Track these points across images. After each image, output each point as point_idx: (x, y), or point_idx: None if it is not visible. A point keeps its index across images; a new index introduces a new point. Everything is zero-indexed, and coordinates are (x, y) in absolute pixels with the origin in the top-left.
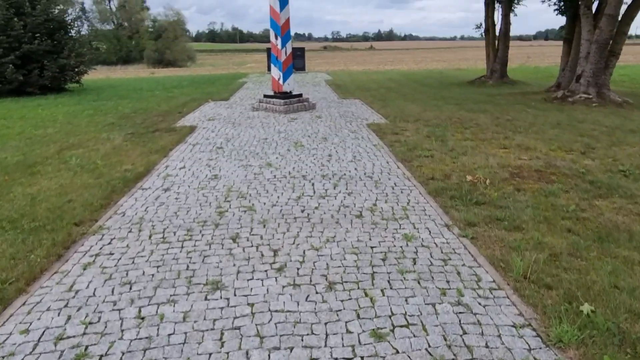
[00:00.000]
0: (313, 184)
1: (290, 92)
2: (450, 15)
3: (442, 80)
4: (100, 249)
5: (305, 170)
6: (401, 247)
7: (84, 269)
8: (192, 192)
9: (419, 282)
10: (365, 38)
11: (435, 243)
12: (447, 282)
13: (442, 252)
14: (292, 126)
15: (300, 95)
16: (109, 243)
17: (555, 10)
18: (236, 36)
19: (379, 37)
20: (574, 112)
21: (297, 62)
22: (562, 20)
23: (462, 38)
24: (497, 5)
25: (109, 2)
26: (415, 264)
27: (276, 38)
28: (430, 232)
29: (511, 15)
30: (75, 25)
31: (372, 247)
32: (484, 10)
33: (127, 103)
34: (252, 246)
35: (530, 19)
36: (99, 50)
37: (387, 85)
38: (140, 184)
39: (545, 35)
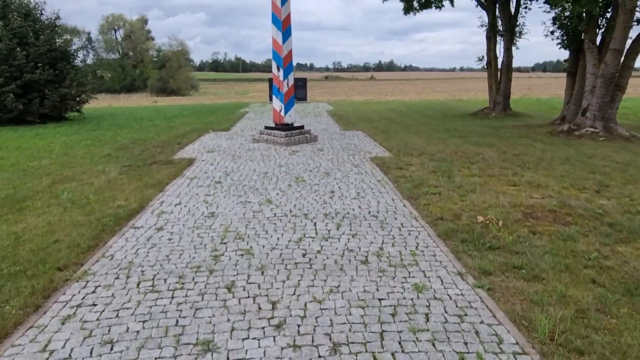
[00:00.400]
0: (315, 224)
1: (292, 124)
2: (449, 47)
3: (444, 112)
4: (83, 298)
5: (307, 208)
6: (412, 299)
7: (63, 324)
8: (187, 232)
9: (433, 344)
10: (366, 68)
11: (448, 295)
12: (465, 343)
13: (457, 306)
14: (293, 159)
15: (301, 127)
16: (93, 291)
17: (558, 44)
18: (239, 66)
19: (379, 67)
20: (582, 147)
21: (298, 92)
22: (561, 53)
23: (462, 69)
24: (498, 38)
25: (115, 32)
26: (428, 320)
27: (278, 70)
28: (442, 281)
29: (513, 48)
30: (78, 55)
31: (380, 300)
32: (486, 43)
33: (127, 133)
34: (248, 297)
35: (529, 52)
36: (103, 79)
37: (389, 116)
38: (132, 222)
39: (544, 67)
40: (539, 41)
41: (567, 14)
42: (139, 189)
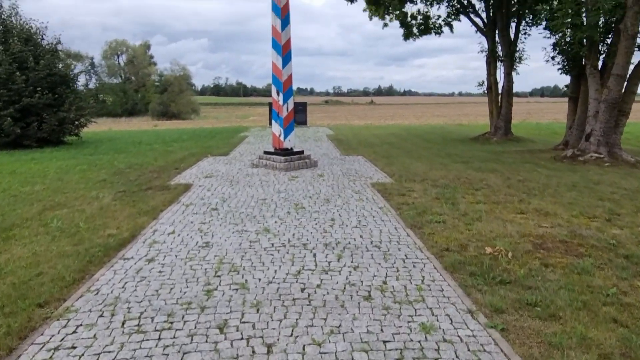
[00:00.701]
0: (315, 255)
1: (291, 148)
2: (448, 73)
3: (445, 136)
4: (62, 340)
5: (306, 237)
6: (419, 342)
7: None
8: (179, 263)
9: None
10: (366, 93)
11: (459, 337)
12: None
13: (469, 350)
14: (292, 185)
15: (301, 152)
16: (74, 332)
17: (559, 69)
18: (240, 90)
19: (379, 92)
20: (588, 173)
21: (298, 116)
22: (560, 79)
23: (460, 94)
24: (498, 63)
25: (118, 57)
26: None
27: (278, 94)
28: (451, 320)
29: (513, 73)
30: (79, 79)
31: (384, 342)
32: (486, 68)
33: (124, 157)
34: (241, 339)
35: (527, 77)
36: (105, 103)
37: (390, 141)
38: (122, 253)
39: (541, 93)
40: (537, 67)
41: (567, 39)
42: (132, 216)
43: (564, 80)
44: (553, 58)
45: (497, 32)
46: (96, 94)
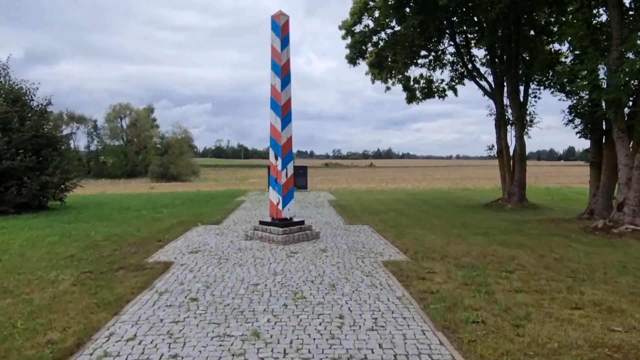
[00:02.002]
0: None
1: (291, 218)
2: (445, 136)
3: (454, 202)
4: None
5: (308, 346)
6: None
7: None
8: None
9: None
10: (365, 156)
11: None
12: None
13: None
14: (291, 264)
15: (301, 222)
16: None
17: (577, 133)
18: (241, 152)
19: (378, 155)
20: (630, 249)
21: (299, 180)
22: (554, 142)
23: (458, 157)
24: (508, 126)
25: (121, 120)
26: None
27: (276, 158)
28: None
29: (525, 137)
30: (66, 141)
31: None
32: (495, 132)
33: (104, 226)
34: None
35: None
36: (105, 164)
37: (396, 207)
38: None
39: (538, 156)
40: (534, 130)
41: (584, 102)
42: (89, 309)
43: (561, 144)
44: (571, 122)
45: (506, 94)
46: (97, 155)
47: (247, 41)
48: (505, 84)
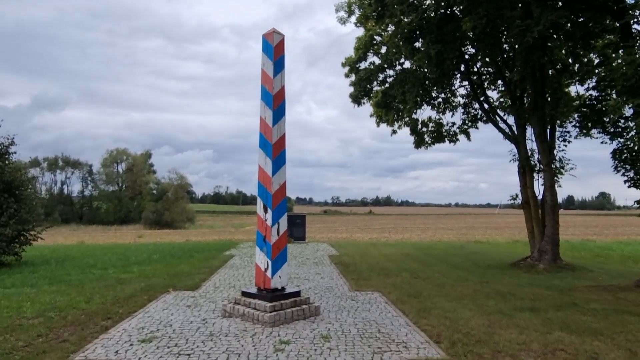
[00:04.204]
0: None
1: (282, 288)
2: (443, 184)
3: (473, 260)
4: None
5: None
6: None
7: None
8: None
9: None
10: (364, 203)
11: None
12: None
13: None
14: None
15: (296, 293)
16: None
17: (626, 182)
18: (239, 199)
19: (377, 202)
20: None
21: (296, 230)
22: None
23: (457, 205)
24: (535, 174)
25: (117, 165)
26: None
27: (265, 211)
28: None
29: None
30: (28, 185)
31: None
32: (519, 179)
33: (49, 294)
34: None
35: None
36: (99, 210)
37: (408, 266)
38: None
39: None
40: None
41: (632, 145)
42: None
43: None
44: (617, 169)
45: (533, 138)
46: (90, 201)
47: (249, 90)
48: (527, 126)
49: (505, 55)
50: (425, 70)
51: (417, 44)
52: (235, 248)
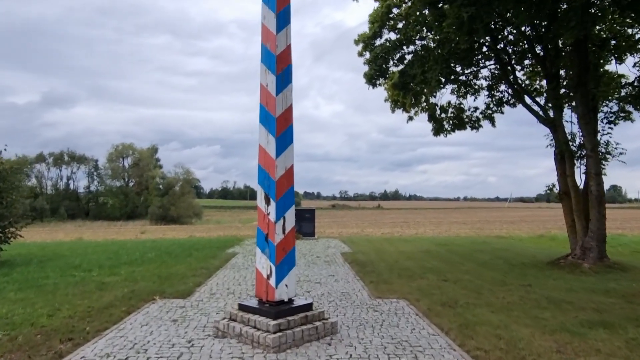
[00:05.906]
0: None
1: (290, 300)
2: (451, 178)
3: (504, 258)
4: None
5: None
6: None
7: None
8: None
9: None
10: (372, 197)
11: None
12: None
13: None
14: None
15: (307, 306)
16: None
17: None
18: (247, 193)
19: (385, 196)
20: None
21: (305, 226)
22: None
23: (465, 199)
24: (576, 161)
25: (123, 160)
26: None
27: (267, 203)
28: None
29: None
30: (13, 180)
31: None
32: (556, 168)
33: (11, 302)
34: None
35: (528, 181)
36: (105, 205)
37: (432, 265)
38: None
39: (547, 198)
40: (536, 173)
41: None
42: None
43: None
44: None
45: (570, 119)
46: (96, 196)
47: (256, 86)
48: (564, 107)
49: (540, 28)
50: (452, 43)
51: (446, 7)
52: (240, 245)
